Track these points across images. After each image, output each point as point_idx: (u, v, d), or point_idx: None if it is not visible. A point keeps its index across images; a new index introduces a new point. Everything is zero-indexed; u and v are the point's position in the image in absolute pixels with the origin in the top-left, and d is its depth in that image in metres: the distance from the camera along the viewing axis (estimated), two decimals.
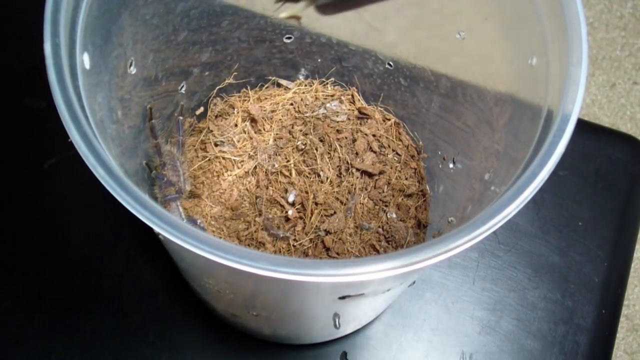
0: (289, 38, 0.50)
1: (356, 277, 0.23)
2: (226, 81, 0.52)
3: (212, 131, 0.52)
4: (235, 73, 0.52)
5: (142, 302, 0.52)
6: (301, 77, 0.55)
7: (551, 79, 0.32)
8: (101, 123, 0.31)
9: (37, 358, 0.50)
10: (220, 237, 0.49)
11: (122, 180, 0.24)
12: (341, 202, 0.50)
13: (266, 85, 0.55)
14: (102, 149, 0.25)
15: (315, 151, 0.51)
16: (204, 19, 0.43)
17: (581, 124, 0.33)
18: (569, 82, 0.30)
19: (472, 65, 0.44)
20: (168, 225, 0.23)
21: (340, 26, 0.50)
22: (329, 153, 0.52)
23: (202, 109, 0.53)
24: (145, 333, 0.51)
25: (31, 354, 0.50)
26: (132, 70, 0.38)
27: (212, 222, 0.50)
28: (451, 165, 0.47)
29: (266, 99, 0.54)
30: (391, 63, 0.50)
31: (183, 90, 0.47)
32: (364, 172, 0.51)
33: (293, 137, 0.52)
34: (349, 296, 0.32)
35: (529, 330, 0.52)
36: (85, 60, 0.30)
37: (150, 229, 0.24)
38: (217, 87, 0.52)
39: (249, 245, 0.49)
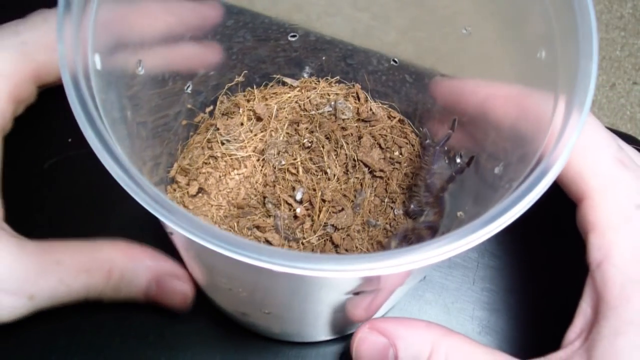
0: (294, 36, 0.50)
1: (381, 271, 0.23)
2: (237, 79, 0.52)
3: (218, 129, 0.52)
4: (246, 71, 0.52)
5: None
6: (305, 75, 0.55)
7: (561, 71, 0.32)
8: (113, 123, 0.31)
9: (37, 358, 0.49)
10: None
11: (140, 180, 0.24)
12: (349, 199, 0.50)
13: (271, 84, 0.55)
14: (117, 149, 0.25)
15: (321, 149, 0.51)
16: None
17: None
18: (580, 75, 0.30)
19: (479, 59, 0.44)
20: (192, 227, 0.24)
21: (340, 26, 0.50)
22: (335, 150, 0.52)
23: (211, 106, 0.53)
24: (145, 333, 0.50)
25: (31, 354, 0.50)
26: (141, 70, 0.38)
27: (220, 221, 0.50)
28: (458, 160, 0.47)
29: (271, 97, 0.54)
30: (396, 60, 0.50)
31: (189, 90, 0.47)
32: (371, 169, 0.52)
33: (299, 135, 0.52)
34: (363, 292, 0.32)
35: (529, 331, 0.52)
36: (96, 61, 0.30)
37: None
38: (227, 85, 0.52)
39: (257, 242, 0.49)
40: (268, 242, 0.49)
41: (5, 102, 0.40)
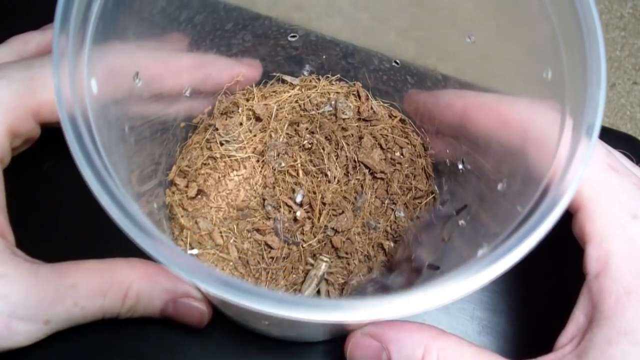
0: (294, 36, 0.49)
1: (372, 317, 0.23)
2: (235, 79, 0.51)
3: (217, 129, 0.52)
4: (244, 71, 0.51)
5: None
6: (305, 73, 0.54)
7: (568, 92, 0.32)
8: (110, 148, 0.30)
9: (36, 358, 0.50)
10: (230, 239, 0.49)
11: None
12: (349, 201, 0.50)
13: (270, 82, 0.54)
14: (119, 191, 0.25)
15: (322, 150, 0.50)
16: (208, 24, 0.42)
17: None
18: (588, 98, 0.29)
19: (481, 64, 0.43)
20: (172, 257, 0.23)
21: (340, 26, 0.49)
22: (335, 151, 0.51)
23: (209, 107, 0.52)
24: (145, 333, 0.50)
25: (31, 354, 0.50)
26: (138, 82, 0.37)
27: (219, 224, 0.49)
28: (460, 167, 0.46)
29: (270, 96, 0.54)
30: (397, 61, 0.49)
31: (187, 94, 0.47)
32: (371, 170, 0.51)
33: (299, 135, 0.51)
34: None
35: (530, 331, 0.52)
36: (92, 85, 0.29)
37: None
38: (226, 85, 0.51)
39: (257, 245, 0.49)
40: (268, 245, 0.49)
41: (2, 136, 0.40)
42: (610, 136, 0.60)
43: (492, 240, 0.30)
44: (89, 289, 0.41)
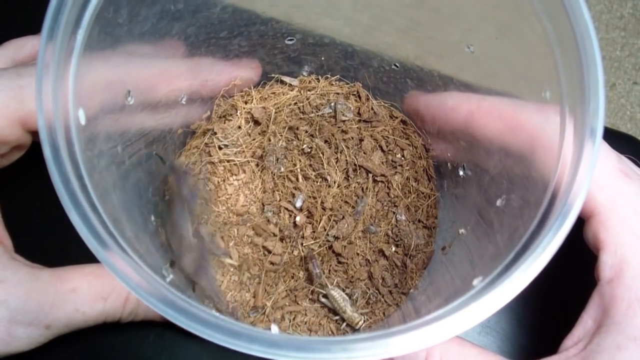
0: (291, 40, 0.48)
1: None
2: (233, 82, 0.50)
3: (216, 134, 0.51)
4: (242, 74, 0.50)
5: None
6: (305, 74, 0.53)
7: (565, 92, 0.31)
8: (102, 181, 0.30)
9: (36, 358, 0.50)
10: (230, 244, 0.49)
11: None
12: (350, 205, 0.50)
13: (270, 84, 0.53)
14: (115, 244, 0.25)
15: (321, 155, 0.50)
16: (201, 34, 0.42)
17: None
18: (586, 100, 0.29)
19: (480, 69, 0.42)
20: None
21: (340, 27, 0.48)
22: (335, 155, 0.50)
23: (208, 112, 0.51)
24: (145, 333, 0.51)
25: (31, 354, 0.50)
26: (130, 100, 0.36)
27: (219, 229, 0.49)
28: (461, 173, 0.46)
29: (269, 97, 0.53)
30: (397, 64, 0.48)
31: (183, 101, 0.46)
32: (372, 173, 0.50)
33: (298, 139, 0.51)
34: None
35: (530, 331, 0.52)
36: (80, 116, 0.29)
37: None
38: (223, 89, 0.50)
39: (257, 250, 0.49)
40: (267, 250, 0.48)
41: None
42: (610, 136, 0.59)
43: (492, 265, 0.29)
44: (90, 293, 0.41)
